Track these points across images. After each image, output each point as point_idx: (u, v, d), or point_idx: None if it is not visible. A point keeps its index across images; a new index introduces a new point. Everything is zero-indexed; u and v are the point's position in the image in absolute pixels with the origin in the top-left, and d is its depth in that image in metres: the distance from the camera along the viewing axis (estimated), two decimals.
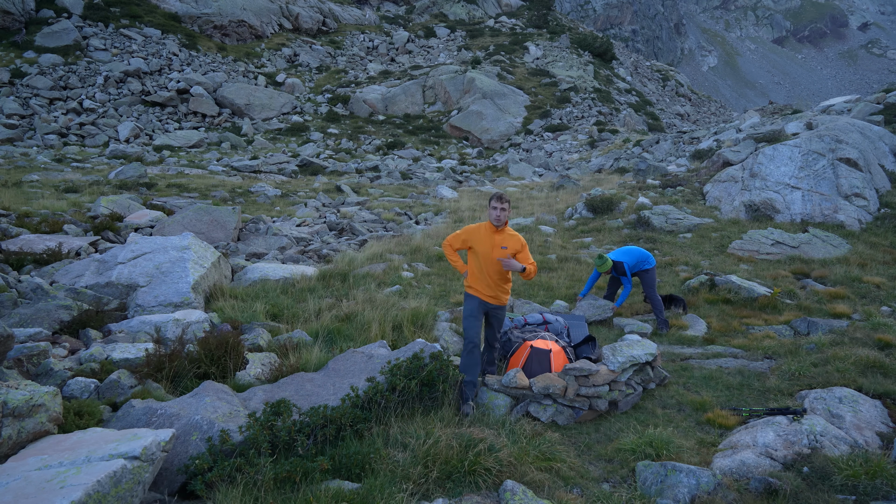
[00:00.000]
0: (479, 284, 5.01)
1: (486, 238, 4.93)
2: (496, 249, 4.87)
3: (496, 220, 4.84)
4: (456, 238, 5.15)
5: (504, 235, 4.93)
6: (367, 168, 27.76)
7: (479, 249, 4.95)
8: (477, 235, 4.98)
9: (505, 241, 4.92)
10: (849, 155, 13.32)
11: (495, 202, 4.86)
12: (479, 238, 4.96)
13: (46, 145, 27.99)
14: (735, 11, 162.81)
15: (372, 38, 51.44)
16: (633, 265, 7.76)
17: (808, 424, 4.18)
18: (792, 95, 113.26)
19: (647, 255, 7.82)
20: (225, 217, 11.75)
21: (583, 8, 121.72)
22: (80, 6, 38.78)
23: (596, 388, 4.89)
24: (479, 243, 4.96)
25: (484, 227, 4.97)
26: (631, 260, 7.77)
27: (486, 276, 4.96)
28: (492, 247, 4.89)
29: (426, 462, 3.74)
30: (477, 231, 5.00)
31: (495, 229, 4.92)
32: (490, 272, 4.93)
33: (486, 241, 4.91)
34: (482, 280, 4.99)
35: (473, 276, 5.04)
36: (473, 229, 5.04)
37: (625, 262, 7.73)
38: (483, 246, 4.93)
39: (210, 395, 4.19)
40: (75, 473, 2.96)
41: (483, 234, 4.95)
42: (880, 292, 8.47)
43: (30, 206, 12.63)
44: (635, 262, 7.76)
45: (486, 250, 4.91)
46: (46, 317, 5.79)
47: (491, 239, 4.90)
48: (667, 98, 60.02)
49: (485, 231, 4.96)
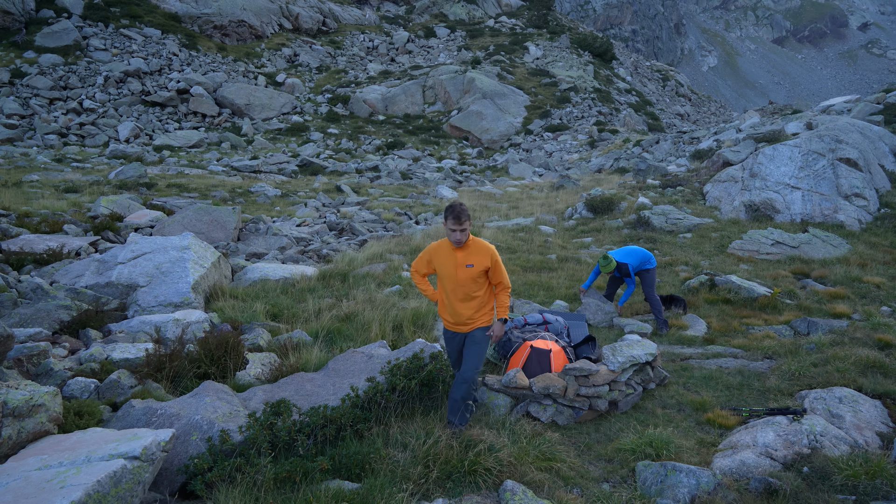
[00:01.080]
0: (445, 312, 4.41)
1: (447, 257, 4.28)
2: (460, 269, 4.23)
3: (456, 241, 4.20)
4: (421, 261, 4.48)
5: (468, 251, 4.24)
6: (367, 168, 27.77)
7: (442, 271, 4.31)
8: (438, 255, 4.33)
9: (470, 258, 4.24)
10: (849, 155, 13.32)
11: (452, 223, 4.10)
12: (441, 257, 4.31)
13: (46, 145, 27.99)
14: (735, 11, 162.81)
15: (372, 38, 51.45)
16: (636, 266, 7.73)
17: (808, 424, 4.18)
18: (792, 95, 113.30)
19: (648, 255, 7.81)
20: (225, 217, 11.75)
21: (583, 8, 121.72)
22: (80, 6, 38.79)
23: (596, 388, 4.89)
24: (441, 264, 4.30)
25: (445, 245, 4.32)
26: (634, 261, 7.73)
27: (451, 302, 4.32)
28: (454, 266, 4.25)
29: (426, 462, 3.74)
30: (438, 250, 4.34)
31: (453, 246, 4.29)
32: (456, 295, 4.28)
33: (448, 261, 4.27)
34: (447, 306, 4.37)
35: (441, 303, 4.40)
36: (435, 248, 4.38)
37: (629, 264, 7.69)
38: (446, 266, 4.28)
39: (210, 395, 4.19)
40: (75, 473, 2.96)
41: (444, 253, 4.30)
42: (880, 292, 8.47)
43: (30, 206, 12.63)
44: (638, 263, 7.74)
45: (450, 271, 4.27)
46: (46, 317, 5.79)
47: (453, 257, 4.25)
48: (667, 98, 60.02)
49: (446, 249, 4.30)
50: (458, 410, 4.28)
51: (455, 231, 4.14)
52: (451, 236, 4.19)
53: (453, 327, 4.41)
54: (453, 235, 4.16)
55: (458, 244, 4.20)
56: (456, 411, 4.27)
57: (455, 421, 4.25)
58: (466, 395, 4.30)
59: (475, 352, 4.36)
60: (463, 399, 4.29)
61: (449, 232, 4.18)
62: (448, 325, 4.44)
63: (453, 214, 4.11)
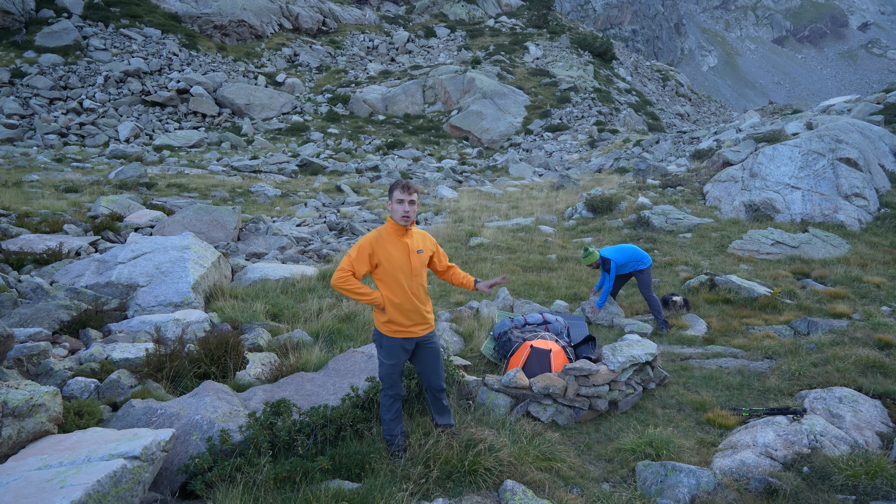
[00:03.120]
0: (401, 315, 3.74)
1: (396, 245, 3.71)
2: (413, 256, 3.72)
3: (403, 217, 3.61)
4: (360, 258, 3.68)
5: (413, 237, 3.81)
6: (367, 168, 27.77)
7: (391, 263, 3.68)
8: (383, 246, 3.70)
9: (418, 244, 3.80)
10: (849, 155, 13.32)
11: (401, 192, 3.59)
12: (388, 248, 3.70)
13: (46, 145, 27.99)
14: (735, 11, 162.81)
15: (372, 38, 51.44)
16: (622, 264, 7.55)
17: (808, 424, 4.18)
18: (792, 95, 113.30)
19: (642, 254, 7.61)
20: (225, 217, 11.75)
21: (583, 8, 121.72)
22: (80, 6, 38.79)
23: (596, 388, 4.89)
24: (390, 255, 3.69)
25: (387, 233, 3.72)
26: (620, 258, 7.53)
27: (409, 299, 3.72)
28: (407, 254, 3.72)
29: (426, 462, 3.74)
30: (380, 240, 3.71)
31: (404, 230, 3.71)
32: (414, 290, 3.73)
33: (398, 250, 3.71)
34: (404, 305, 3.72)
35: (391, 306, 3.74)
36: (375, 239, 3.72)
37: (612, 260, 7.49)
38: (397, 257, 3.69)
39: (210, 394, 4.19)
40: (75, 473, 2.96)
41: (391, 242, 3.72)
42: (880, 292, 8.47)
43: (30, 205, 12.63)
44: (626, 262, 7.55)
45: (402, 261, 3.70)
46: (46, 317, 5.79)
47: (403, 245, 3.72)
48: (667, 98, 60.02)
49: (390, 236, 3.72)
50: (447, 411, 4.12)
51: (403, 202, 3.58)
52: (398, 211, 3.61)
53: (409, 331, 3.77)
54: (400, 209, 3.59)
55: (407, 220, 3.64)
56: (444, 412, 4.10)
57: (450, 421, 4.12)
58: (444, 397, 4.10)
59: (438, 359, 3.98)
60: (446, 401, 4.11)
61: (396, 206, 3.60)
62: (400, 331, 3.76)
63: (403, 185, 3.58)
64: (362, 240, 3.72)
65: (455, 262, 10.34)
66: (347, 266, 3.67)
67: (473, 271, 9.71)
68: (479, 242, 11.65)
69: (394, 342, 3.78)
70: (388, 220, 3.76)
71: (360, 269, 3.67)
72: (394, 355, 3.81)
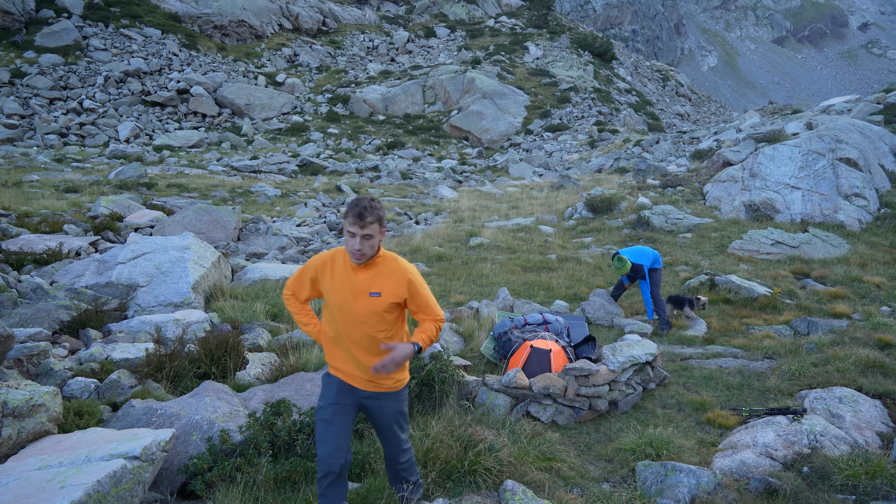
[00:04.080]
0: (337, 359, 2.96)
1: (342, 277, 2.85)
2: (360, 298, 2.82)
3: (356, 255, 2.74)
4: (300, 279, 2.99)
5: (374, 272, 2.83)
6: (367, 168, 27.78)
7: (331, 299, 2.88)
8: (328, 273, 2.88)
9: (376, 283, 2.82)
10: (849, 155, 13.32)
11: (352, 222, 2.68)
12: (332, 277, 2.87)
13: (46, 145, 28.00)
14: (735, 11, 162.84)
15: (372, 38, 51.45)
16: (650, 266, 7.66)
17: (808, 424, 4.18)
18: (792, 95, 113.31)
19: (655, 255, 7.76)
20: (225, 217, 11.75)
21: (583, 8, 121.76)
22: (80, 6, 38.80)
23: (596, 388, 4.89)
24: (331, 287, 2.87)
25: (341, 259, 2.88)
26: (648, 262, 7.63)
27: (346, 344, 2.89)
28: (352, 293, 2.83)
29: (426, 462, 3.74)
30: (328, 265, 2.90)
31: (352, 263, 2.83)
32: (354, 336, 2.87)
33: (343, 283, 2.84)
34: (341, 349, 2.93)
35: (329, 347, 2.99)
36: (323, 262, 2.91)
37: (644, 265, 7.54)
38: (338, 292, 2.85)
39: (210, 394, 4.19)
40: (75, 473, 2.96)
41: (339, 271, 2.86)
42: (880, 292, 8.47)
43: (30, 206, 12.63)
44: (651, 263, 7.70)
45: (343, 299, 2.84)
46: (46, 317, 5.79)
47: (350, 279, 2.83)
48: (667, 98, 60.03)
49: (341, 265, 2.87)
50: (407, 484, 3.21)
51: (354, 236, 2.70)
52: (347, 244, 2.75)
53: (348, 378, 2.95)
54: (351, 243, 2.72)
55: (358, 259, 2.75)
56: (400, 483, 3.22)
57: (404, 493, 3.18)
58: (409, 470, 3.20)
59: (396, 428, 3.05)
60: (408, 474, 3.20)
61: (348, 239, 2.74)
62: (339, 371, 2.97)
63: (355, 210, 2.68)
64: (311, 260, 3.00)
65: (455, 262, 10.33)
66: (289, 284, 3.07)
67: (473, 271, 9.72)
68: (479, 242, 11.65)
69: (331, 379, 2.98)
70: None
71: (300, 291, 3.02)
72: (328, 393, 2.96)
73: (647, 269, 7.63)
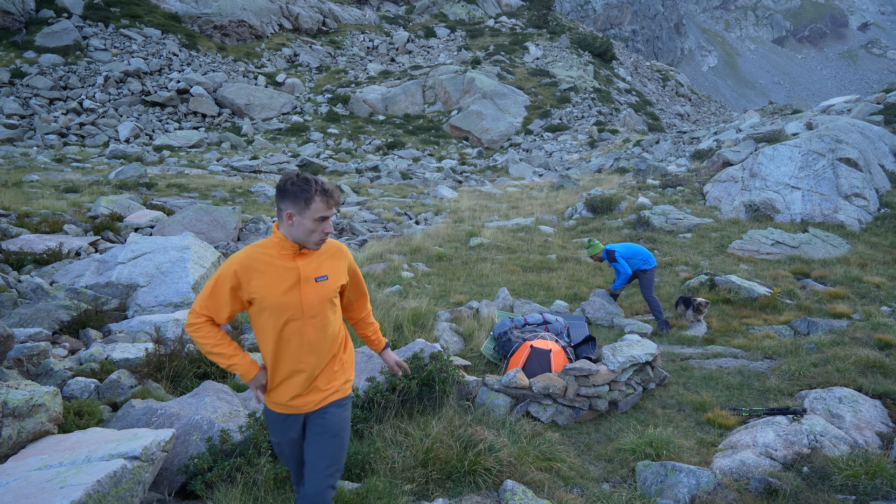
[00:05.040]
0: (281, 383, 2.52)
1: (279, 272, 2.41)
2: (307, 286, 2.44)
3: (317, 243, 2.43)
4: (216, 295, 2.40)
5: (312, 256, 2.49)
6: (367, 168, 27.79)
7: (271, 300, 2.40)
8: (259, 272, 2.39)
9: (320, 268, 2.49)
10: (849, 155, 13.32)
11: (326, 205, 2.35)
12: (266, 276, 2.40)
13: (46, 145, 28.00)
14: (735, 11, 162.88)
15: (372, 38, 51.46)
16: (627, 256, 7.80)
17: (808, 424, 4.18)
18: (792, 95, 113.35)
19: (647, 254, 7.79)
20: (225, 217, 11.75)
21: (583, 8, 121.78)
22: (80, 6, 38.81)
23: (596, 388, 4.89)
24: (268, 286, 2.39)
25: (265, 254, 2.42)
26: (626, 252, 7.82)
27: (298, 354, 2.48)
28: (297, 283, 2.43)
29: (426, 462, 3.74)
30: (250, 266, 2.39)
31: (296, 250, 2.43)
32: (306, 336, 2.46)
33: (282, 277, 2.41)
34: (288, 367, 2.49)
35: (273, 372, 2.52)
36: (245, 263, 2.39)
37: (616, 251, 7.81)
38: (277, 287, 2.40)
39: (210, 394, 4.19)
40: (75, 473, 2.96)
41: (271, 267, 2.41)
42: (880, 292, 8.46)
43: (30, 206, 12.63)
44: (631, 255, 7.80)
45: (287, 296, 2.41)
46: (46, 317, 5.79)
47: (290, 270, 2.43)
48: (667, 98, 60.04)
49: (271, 259, 2.42)
50: None
51: (326, 220, 2.39)
52: (313, 232, 2.38)
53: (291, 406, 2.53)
54: (323, 228, 2.39)
55: (319, 243, 2.43)
56: None
57: None
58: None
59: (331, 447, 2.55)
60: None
61: (307, 223, 2.35)
62: (280, 405, 2.56)
63: (320, 191, 2.33)
64: (220, 271, 2.40)
65: (455, 262, 10.32)
66: (200, 306, 2.42)
67: (473, 271, 9.71)
68: (479, 242, 11.65)
69: (273, 415, 2.61)
70: (276, 233, 2.44)
71: (219, 311, 2.42)
72: (276, 430, 2.63)
73: (636, 268, 7.78)
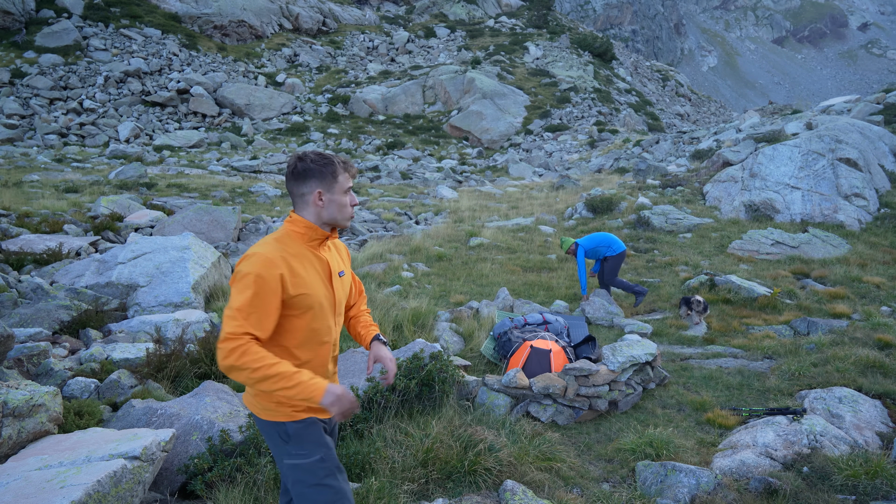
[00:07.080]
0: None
1: (312, 266, 2.25)
2: (336, 282, 2.34)
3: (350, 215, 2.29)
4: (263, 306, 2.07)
5: (332, 250, 2.40)
6: (367, 168, 27.78)
7: (313, 298, 2.21)
8: (298, 268, 2.18)
9: (338, 262, 2.40)
10: (849, 155, 13.32)
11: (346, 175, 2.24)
12: (306, 271, 2.21)
13: (46, 145, 28.00)
14: (735, 11, 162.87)
15: (372, 38, 51.45)
16: (590, 248, 7.98)
17: (808, 424, 4.18)
18: (792, 95, 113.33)
19: (611, 240, 7.99)
20: (225, 217, 11.75)
21: (583, 8, 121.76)
22: (80, 6, 38.80)
23: (596, 388, 4.89)
24: (311, 284, 2.21)
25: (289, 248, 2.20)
26: (588, 244, 7.99)
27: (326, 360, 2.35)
28: (329, 280, 2.31)
29: (426, 462, 3.74)
30: (285, 263, 2.14)
31: (323, 237, 2.28)
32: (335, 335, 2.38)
33: (317, 271, 2.25)
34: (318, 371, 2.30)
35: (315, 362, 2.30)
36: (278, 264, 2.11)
37: (581, 245, 7.97)
38: (317, 283, 2.24)
39: (210, 394, 4.19)
40: (75, 473, 2.96)
41: (302, 262, 2.21)
42: (880, 292, 8.46)
43: (30, 206, 12.63)
44: (594, 246, 7.97)
45: (325, 290, 2.28)
46: (46, 317, 5.79)
47: (320, 264, 2.28)
48: (667, 98, 60.03)
49: (300, 254, 2.22)
50: None
51: (350, 192, 2.27)
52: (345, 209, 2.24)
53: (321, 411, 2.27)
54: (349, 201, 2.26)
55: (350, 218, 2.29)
56: None
57: None
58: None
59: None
60: None
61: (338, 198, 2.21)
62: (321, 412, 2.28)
63: (344, 162, 2.24)
64: (254, 274, 2.06)
65: (455, 262, 10.33)
66: (239, 329, 2.02)
67: (473, 271, 9.71)
68: (479, 242, 11.65)
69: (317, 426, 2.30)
70: (297, 222, 2.23)
71: (265, 325, 2.09)
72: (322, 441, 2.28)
73: (602, 256, 8.02)
